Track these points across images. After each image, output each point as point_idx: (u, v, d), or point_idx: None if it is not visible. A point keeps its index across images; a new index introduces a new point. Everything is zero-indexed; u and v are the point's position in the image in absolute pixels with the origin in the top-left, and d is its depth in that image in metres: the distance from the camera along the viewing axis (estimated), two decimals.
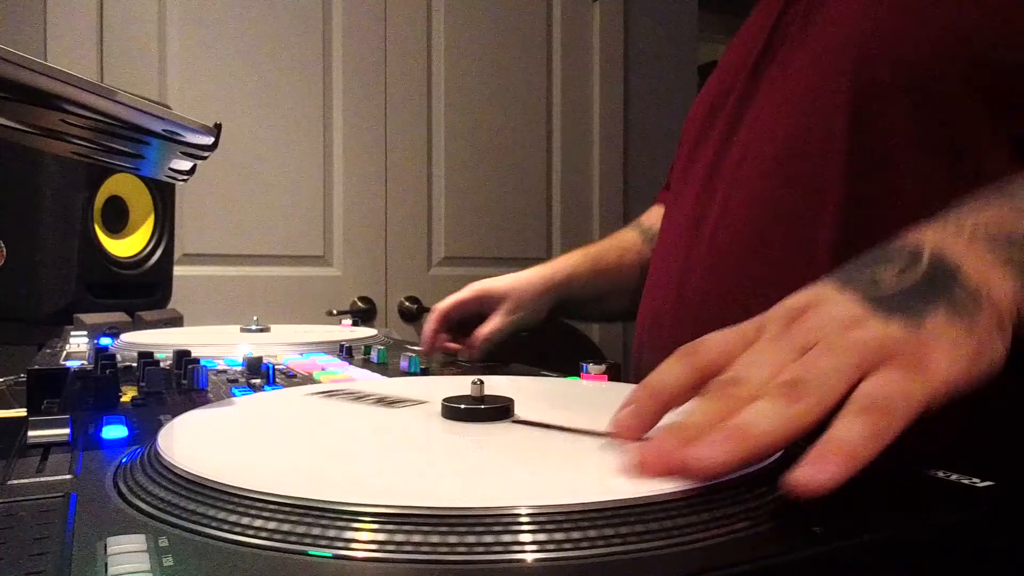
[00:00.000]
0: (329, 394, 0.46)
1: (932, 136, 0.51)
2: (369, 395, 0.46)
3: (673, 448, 0.29)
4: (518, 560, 0.23)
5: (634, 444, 0.31)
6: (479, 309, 0.81)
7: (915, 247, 0.37)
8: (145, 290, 1.24)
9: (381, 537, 0.23)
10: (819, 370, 0.31)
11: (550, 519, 0.24)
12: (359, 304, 1.82)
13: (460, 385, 0.42)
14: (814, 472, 0.27)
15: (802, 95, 0.58)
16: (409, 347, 0.82)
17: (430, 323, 0.80)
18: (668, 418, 0.33)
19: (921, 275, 0.35)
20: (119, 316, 0.99)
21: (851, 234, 0.52)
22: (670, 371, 0.35)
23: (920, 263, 0.36)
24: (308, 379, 0.58)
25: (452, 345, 0.80)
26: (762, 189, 0.59)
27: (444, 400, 0.39)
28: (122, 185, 1.21)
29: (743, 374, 0.33)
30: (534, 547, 0.23)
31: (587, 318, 0.96)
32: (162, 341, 0.77)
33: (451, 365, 0.73)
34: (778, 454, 0.31)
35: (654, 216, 0.92)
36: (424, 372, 0.63)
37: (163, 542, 0.24)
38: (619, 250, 0.88)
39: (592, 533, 0.24)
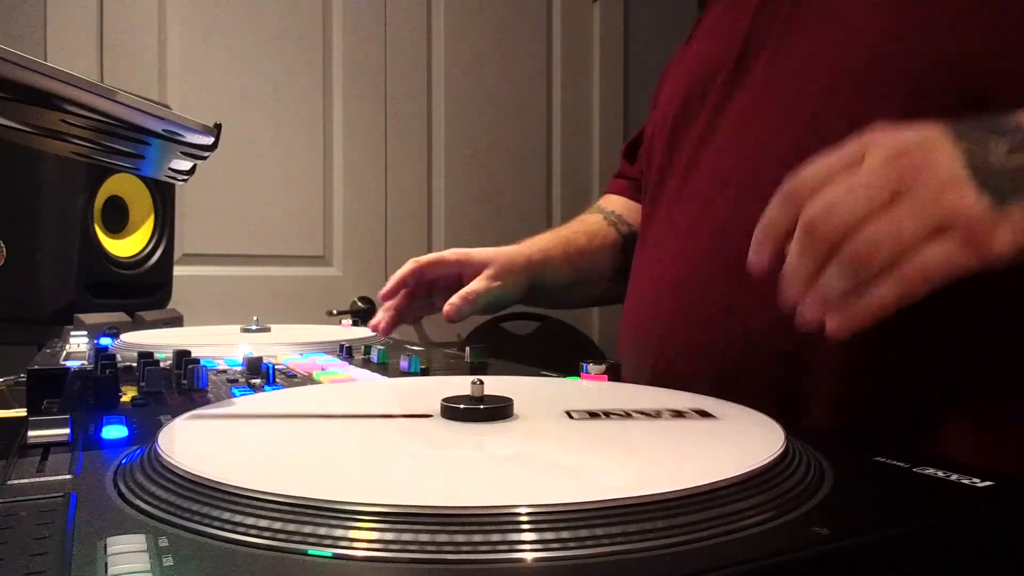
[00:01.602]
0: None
1: None
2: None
3: (813, 310, 0.38)
4: (518, 560, 0.23)
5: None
6: (458, 273, 0.79)
7: None
8: (145, 290, 1.24)
9: (381, 537, 0.23)
10: (902, 234, 0.36)
11: (550, 519, 0.24)
12: (359, 304, 1.82)
13: (460, 385, 0.42)
14: (843, 326, 0.37)
15: (795, 101, 0.57)
16: (409, 347, 0.82)
17: (403, 269, 0.79)
18: None
19: None
20: (119, 316, 0.99)
21: None
22: (776, 214, 0.41)
23: None
24: (308, 379, 0.58)
25: (392, 311, 0.78)
26: (747, 199, 0.57)
27: (444, 400, 0.39)
28: (122, 185, 1.21)
29: (834, 212, 0.37)
30: (534, 547, 0.23)
31: (558, 304, 0.94)
32: (162, 341, 0.77)
33: (452, 368, 0.73)
34: (778, 451, 0.31)
35: (613, 202, 0.90)
36: (424, 372, 0.63)
37: (163, 542, 0.24)
38: (587, 235, 0.87)
39: (592, 533, 0.24)
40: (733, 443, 0.35)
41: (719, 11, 0.71)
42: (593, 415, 0.40)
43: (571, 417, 0.39)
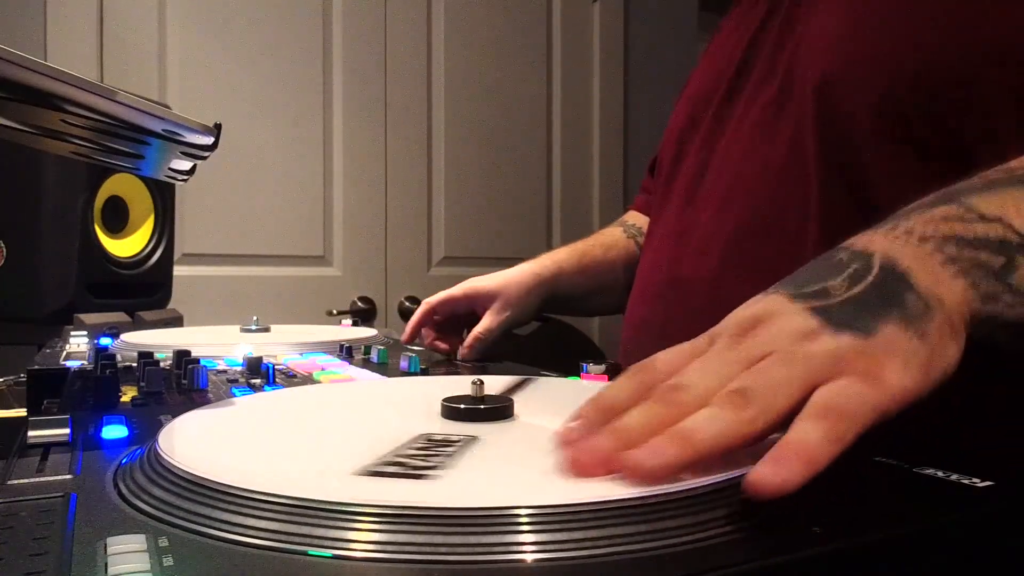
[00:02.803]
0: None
1: (899, 155, 0.51)
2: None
3: (609, 450, 0.28)
4: (518, 560, 0.23)
5: (569, 443, 0.31)
6: (469, 307, 0.81)
7: (864, 253, 0.36)
8: (145, 290, 1.24)
9: (381, 537, 0.23)
10: (768, 379, 0.31)
11: (550, 519, 0.24)
12: (359, 304, 1.82)
13: (460, 385, 0.42)
14: (772, 473, 0.26)
15: (774, 117, 0.60)
16: (409, 347, 0.82)
17: (416, 315, 0.81)
18: None
19: (870, 283, 0.35)
20: (119, 316, 0.99)
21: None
22: (620, 387, 0.35)
23: (870, 271, 0.35)
24: (308, 379, 0.58)
25: (440, 344, 0.80)
26: (744, 207, 0.60)
27: (444, 400, 0.39)
28: (122, 185, 1.21)
29: (688, 381, 0.32)
30: (534, 547, 0.23)
31: (575, 312, 0.96)
32: (162, 341, 0.77)
33: (450, 364, 0.73)
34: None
35: (635, 217, 0.93)
36: (424, 372, 0.63)
37: (163, 542, 0.24)
38: (603, 246, 0.89)
39: (592, 533, 0.24)
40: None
41: (723, 35, 0.75)
42: None
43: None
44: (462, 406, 0.38)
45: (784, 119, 0.59)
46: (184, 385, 0.54)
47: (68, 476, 0.32)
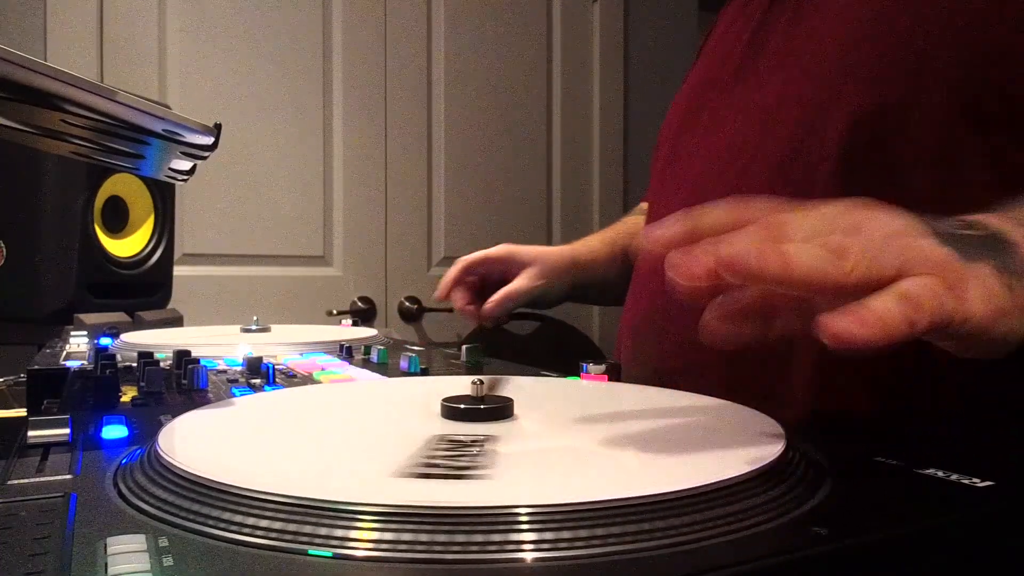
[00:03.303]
0: None
1: (924, 150, 0.51)
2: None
3: (706, 253, 0.29)
4: (518, 560, 0.23)
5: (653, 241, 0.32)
6: (503, 270, 0.80)
7: (979, 221, 0.37)
8: (145, 290, 1.24)
9: (381, 536, 0.23)
10: (869, 246, 0.31)
11: (550, 519, 0.24)
12: (359, 304, 1.82)
13: (460, 385, 0.42)
14: (857, 328, 0.28)
15: (786, 105, 0.58)
16: (409, 347, 0.82)
17: (452, 271, 0.79)
18: None
19: (980, 236, 0.36)
20: (119, 316, 0.99)
21: None
22: (714, 210, 0.34)
23: (983, 231, 0.36)
24: (308, 379, 0.58)
25: (469, 308, 0.78)
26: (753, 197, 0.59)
27: (444, 400, 0.39)
28: (122, 185, 1.21)
29: (792, 220, 0.32)
30: (534, 547, 0.23)
31: (598, 302, 0.96)
32: (162, 341, 0.77)
33: (450, 364, 0.73)
34: (779, 451, 0.31)
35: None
36: (424, 372, 0.63)
37: (163, 542, 0.24)
38: (631, 236, 0.88)
39: (592, 533, 0.24)
40: (733, 443, 0.35)
41: (721, 30, 0.74)
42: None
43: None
44: (462, 406, 0.38)
45: (797, 107, 0.57)
46: (184, 385, 0.54)
47: (68, 476, 0.32)
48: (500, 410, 0.38)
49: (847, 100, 0.54)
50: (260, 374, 0.59)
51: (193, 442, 0.35)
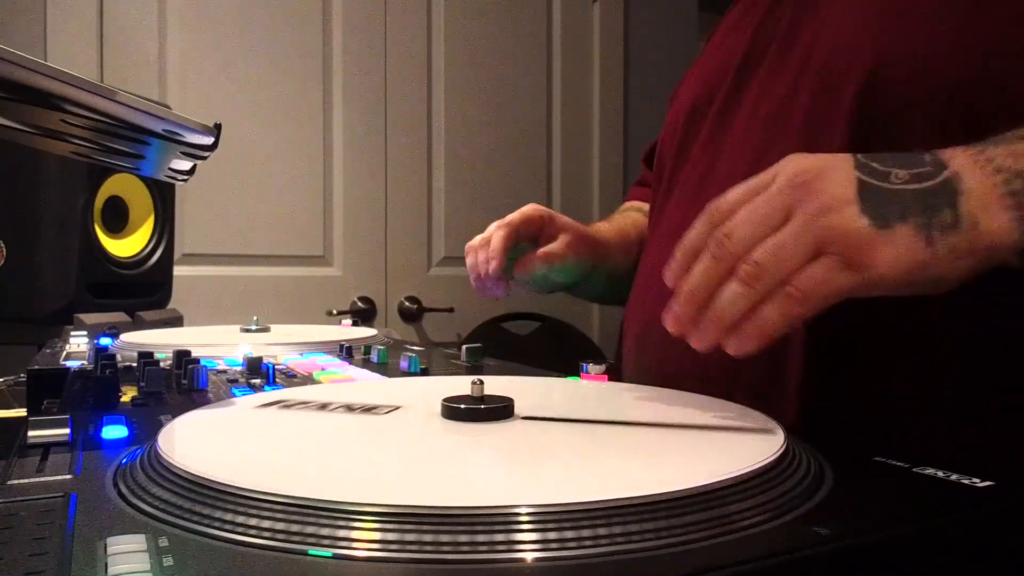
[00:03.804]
0: (284, 404, 0.46)
1: (929, 147, 0.51)
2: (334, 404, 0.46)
3: (683, 312, 0.41)
4: (518, 560, 0.23)
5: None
6: (539, 228, 0.74)
7: (942, 161, 0.41)
8: (145, 290, 1.24)
9: (381, 537, 0.23)
10: (780, 253, 0.38)
11: (550, 519, 0.24)
12: (359, 304, 1.82)
13: (460, 385, 0.42)
14: (740, 346, 0.39)
15: (789, 110, 0.58)
16: (409, 347, 0.82)
17: (500, 238, 0.72)
18: None
19: (925, 188, 0.39)
20: (119, 316, 0.99)
21: None
22: (697, 233, 0.43)
23: (934, 178, 0.40)
24: (308, 379, 0.58)
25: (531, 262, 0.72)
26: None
27: (444, 400, 0.39)
28: (122, 185, 1.21)
29: (735, 231, 0.40)
30: (534, 547, 0.23)
31: (602, 295, 0.88)
32: (162, 341, 0.77)
33: (451, 364, 0.73)
34: (779, 451, 0.31)
35: (642, 204, 0.89)
36: (424, 372, 0.63)
37: (163, 542, 0.24)
38: (636, 227, 0.85)
39: (592, 533, 0.24)
40: (733, 443, 0.35)
41: (724, 29, 0.73)
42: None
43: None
44: (462, 406, 0.38)
45: (800, 108, 0.57)
46: (184, 385, 0.54)
47: (68, 476, 0.32)
48: (500, 410, 0.38)
49: (848, 100, 0.53)
50: (260, 374, 0.59)
51: (193, 442, 0.35)
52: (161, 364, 0.56)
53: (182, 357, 0.57)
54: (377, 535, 0.24)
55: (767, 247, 0.39)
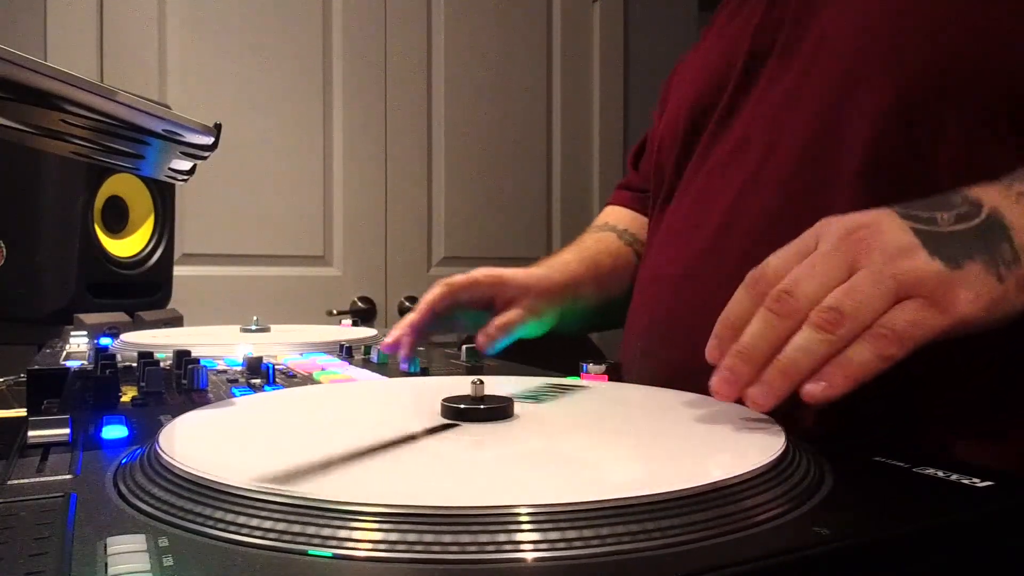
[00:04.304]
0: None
1: (953, 148, 0.50)
2: None
3: (739, 373, 0.37)
4: (518, 560, 0.23)
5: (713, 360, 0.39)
6: (490, 295, 0.71)
7: (976, 200, 0.41)
8: (145, 290, 1.24)
9: (381, 537, 0.23)
10: (859, 297, 0.37)
11: (550, 519, 0.24)
12: (359, 304, 1.82)
13: (460, 385, 0.42)
14: (822, 386, 0.36)
15: (803, 104, 0.56)
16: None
17: (434, 294, 0.69)
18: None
19: (974, 225, 0.40)
20: (119, 316, 0.99)
21: None
22: (739, 300, 0.41)
23: (977, 215, 0.40)
24: (308, 379, 0.58)
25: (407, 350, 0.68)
26: (768, 199, 0.57)
27: (444, 400, 0.39)
28: (122, 185, 1.21)
29: (796, 288, 0.38)
30: (534, 547, 0.23)
31: (575, 332, 0.83)
32: (162, 341, 0.77)
33: (451, 365, 0.73)
34: (779, 451, 0.31)
35: (621, 218, 0.86)
36: (424, 372, 0.63)
37: (163, 542, 0.24)
38: (611, 256, 0.81)
39: (592, 533, 0.24)
40: (734, 443, 0.35)
41: (723, 21, 0.71)
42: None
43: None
44: (462, 406, 0.38)
45: (811, 105, 0.56)
46: (184, 385, 0.54)
47: (68, 476, 0.32)
48: (500, 410, 0.38)
49: (867, 98, 0.52)
50: (260, 374, 0.59)
51: (193, 442, 0.35)
52: (161, 364, 0.56)
53: (182, 357, 0.57)
54: (377, 535, 0.24)
55: (842, 293, 0.37)
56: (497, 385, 0.44)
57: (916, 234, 0.39)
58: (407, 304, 1.86)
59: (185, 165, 0.52)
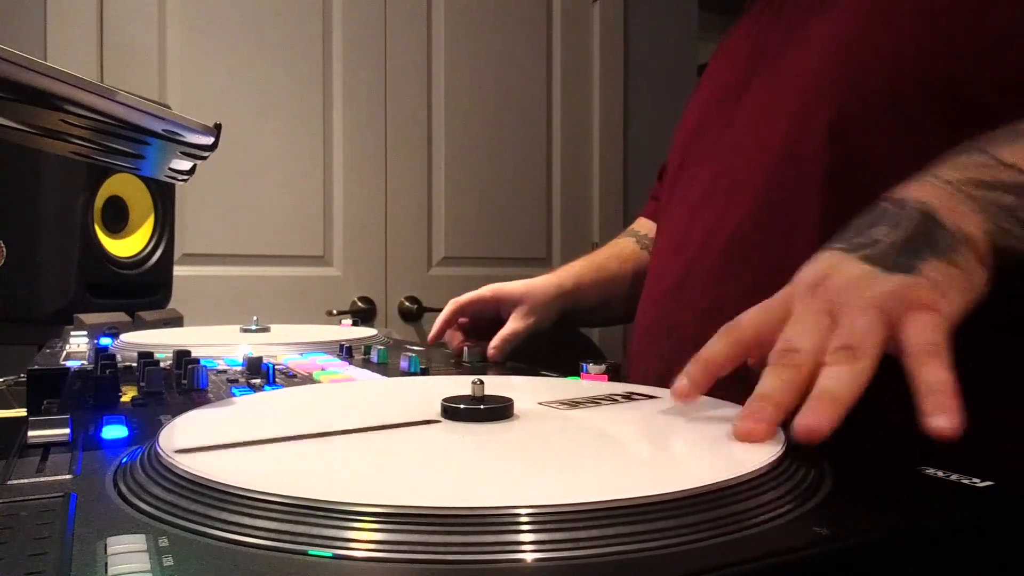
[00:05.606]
0: None
1: (906, 156, 0.51)
2: None
3: (772, 415, 0.35)
4: (518, 560, 0.23)
5: (736, 418, 0.36)
6: (495, 309, 0.83)
7: (902, 201, 0.43)
8: (145, 290, 1.24)
9: (381, 537, 0.23)
10: (860, 330, 0.37)
11: (550, 519, 0.24)
12: (359, 304, 1.82)
13: (460, 385, 0.42)
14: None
15: (780, 117, 0.60)
16: (409, 347, 0.82)
17: (444, 314, 0.83)
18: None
19: (909, 229, 0.42)
20: (119, 316, 0.99)
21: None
22: (716, 346, 0.41)
23: (906, 216, 0.42)
24: (308, 379, 0.58)
25: (457, 343, 0.82)
26: (744, 207, 0.61)
27: (444, 400, 0.39)
28: (122, 185, 1.21)
29: (795, 344, 0.38)
30: (534, 547, 0.23)
31: (588, 324, 1.01)
32: (162, 341, 0.77)
33: (454, 365, 0.73)
34: (779, 451, 0.31)
35: (645, 225, 0.95)
36: (424, 372, 0.63)
37: (163, 542, 0.24)
38: (618, 259, 0.91)
39: (592, 533, 0.24)
40: (734, 443, 0.35)
41: (732, 41, 0.76)
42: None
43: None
44: (462, 406, 0.38)
45: (782, 122, 0.59)
46: (184, 385, 0.54)
47: (68, 476, 0.32)
48: (500, 410, 0.38)
49: (823, 115, 0.55)
50: (260, 374, 0.59)
51: (193, 442, 0.35)
52: (161, 364, 0.56)
53: (182, 357, 0.57)
54: (377, 535, 0.24)
55: (843, 331, 0.37)
56: (497, 387, 0.44)
57: (866, 260, 0.41)
58: (407, 304, 1.86)
59: (185, 165, 0.52)
